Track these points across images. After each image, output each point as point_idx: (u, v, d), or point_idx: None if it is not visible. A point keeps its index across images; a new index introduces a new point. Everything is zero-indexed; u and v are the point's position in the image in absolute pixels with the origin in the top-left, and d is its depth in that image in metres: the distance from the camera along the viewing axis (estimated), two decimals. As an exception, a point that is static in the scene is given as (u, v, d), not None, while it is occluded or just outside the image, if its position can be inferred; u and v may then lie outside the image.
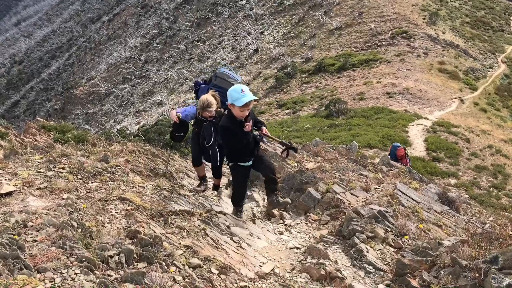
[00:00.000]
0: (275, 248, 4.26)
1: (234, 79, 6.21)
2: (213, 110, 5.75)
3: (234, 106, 4.68)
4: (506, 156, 22.87)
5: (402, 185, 5.79)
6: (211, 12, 71.75)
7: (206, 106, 5.75)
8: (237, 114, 4.75)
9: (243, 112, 4.72)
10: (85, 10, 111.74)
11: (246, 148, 5.02)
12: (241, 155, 5.06)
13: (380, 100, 30.46)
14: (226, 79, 6.20)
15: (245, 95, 4.62)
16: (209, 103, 5.77)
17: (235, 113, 4.77)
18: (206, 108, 5.75)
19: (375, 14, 49.47)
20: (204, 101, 5.79)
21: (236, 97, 4.65)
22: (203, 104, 5.78)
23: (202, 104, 5.80)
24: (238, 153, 5.07)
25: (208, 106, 5.75)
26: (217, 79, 6.21)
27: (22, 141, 6.46)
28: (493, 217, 5.91)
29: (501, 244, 3.41)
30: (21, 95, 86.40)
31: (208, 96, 5.84)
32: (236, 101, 4.62)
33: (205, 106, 5.75)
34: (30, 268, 2.69)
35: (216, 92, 5.95)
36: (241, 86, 4.66)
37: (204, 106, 5.76)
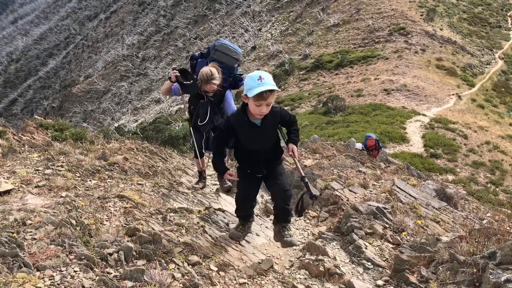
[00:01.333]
0: (274, 244, 4.27)
1: (236, 51, 5.62)
2: (217, 83, 5.25)
3: (247, 98, 3.60)
4: (504, 152, 22.93)
5: (400, 181, 5.81)
6: (209, 9, 71.64)
7: (210, 79, 5.17)
8: (252, 110, 3.63)
9: (259, 107, 3.56)
10: (82, 7, 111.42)
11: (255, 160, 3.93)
12: (248, 164, 4.00)
13: (378, 97, 30.49)
14: (227, 52, 5.56)
15: (262, 84, 3.47)
16: (213, 75, 5.20)
17: (251, 109, 3.66)
18: (210, 80, 5.17)
19: (372, 10, 49.45)
20: (207, 73, 5.20)
21: (250, 86, 3.55)
22: (206, 76, 5.19)
23: (205, 76, 5.20)
24: (244, 159, 4.03)
25: (212, 78, 5.18)
26: (217, 52, 5.54)
27: (20, 139, 6.45)
28: (491, 212, 5.93)
29: (498, 239, 3.42)
30: (19, 93, 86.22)
31: (210, 67, 5.27)
32: (249, 91, 3.53)
33: (209, 78, 5.16)
34: (29, 266, 2.70)
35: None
36: (259, 73, 3.58)
37: (208, 78, 5.17)
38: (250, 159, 3.94)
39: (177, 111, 44.42)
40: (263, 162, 3.94)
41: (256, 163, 3.93)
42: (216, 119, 5.56)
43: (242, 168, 4.03)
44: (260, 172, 3.96)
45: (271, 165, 4.00)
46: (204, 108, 5.45)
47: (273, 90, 3.54)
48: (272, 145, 3.95)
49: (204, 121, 5.46)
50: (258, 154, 3.88)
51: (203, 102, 5.44)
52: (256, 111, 3.61)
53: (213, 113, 5.54)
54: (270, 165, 3.99)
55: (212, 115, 5.49)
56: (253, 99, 3.52)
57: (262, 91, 3.45)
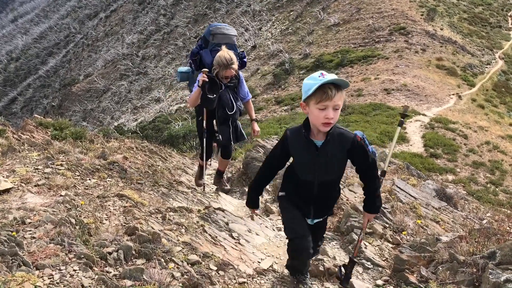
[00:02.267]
0: (274, 244, 4.27)
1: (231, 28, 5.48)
2: (236, 68, 5.07)
3: (307, 104, 2.81)
4: (504, 152, 22.93)
5: (400, 181, 5.81)
6: (209, 8, 71.60)
7: (230, 64, 4.95)
8: (315, 119, 2.78)
9: (323, 112, 2.72)
10: (82, 6, 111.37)
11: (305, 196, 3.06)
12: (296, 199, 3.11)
13: (378, 97, 30.49)
14: (225, 32, 5.37)
15: (325, 78, 2.67)
16: (232, 59, 4.97)
17: (312, 120, 2.83)
18: (230, 65, 4.96)
19: (372, 10, 49.43)
20: (226, 57, 4.93)
21: (309, 86, 2.74)
22: (226, 61, 4.92)
23: (224, 61, 4.92)
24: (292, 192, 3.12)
25: (232, 63, 4.97)
26: (216, 36, 5.31)
27: (20, 138, 6.45)
28: (491, 212, 5.93)
29: (498, 239, 3.42)
30: (18, 92, 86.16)
31: (227, 51, 5.02)
32: (309, 91, 2.72)
33: (228, 63, 4.93)
34: (29, 265, 2.69)
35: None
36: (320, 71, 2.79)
37: (228, 63, 4.93)
38: (299, 194, 3.06)
39: (177, 110, 44.41)
40: (313, 204, 3.06)
41: (305, 201, 3.06)
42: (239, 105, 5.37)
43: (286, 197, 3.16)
44: (307, 215, 3.11)
45: (320, 214, 3.17)
46: (226, 97, 5.20)
47: (340, 86, 2.74)
48: (331, 181, 3.03)
49: (233, 109, 5.22)
50: (310, 189, 2.99)
51: (223, 92, 5.19)
52: (320, 119, 2.74)
53: (235, 99, 5.35)
54: (319, 213, 3.15)
55: (236, 101, 5.30)
56: (314, 101, 2.72)
57: (325, 84, 2.66)
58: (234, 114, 5.27)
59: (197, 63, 5.49)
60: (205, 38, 5.46)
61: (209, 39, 5.38)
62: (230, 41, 5.38)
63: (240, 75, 5.41)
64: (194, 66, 5.58)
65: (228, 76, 5.10)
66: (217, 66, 5.03)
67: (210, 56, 5.31)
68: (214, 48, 5.29)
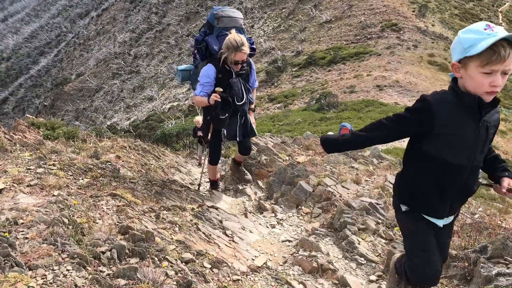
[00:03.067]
0: (268, 241, 4.28)
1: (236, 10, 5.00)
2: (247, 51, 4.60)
3: (467, 65, 2.14)
4: (495, 147, 23.09)
5: (393, 177, 5.83)
6: (201, 6, 71.46)
7: (241, 45, 4.51)
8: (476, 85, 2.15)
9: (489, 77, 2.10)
10: (73, 5, 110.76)
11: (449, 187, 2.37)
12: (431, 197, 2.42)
13: (371, 93, 30.60)
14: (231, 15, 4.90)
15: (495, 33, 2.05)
16: (243, 41, 4.53)
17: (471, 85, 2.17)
18: (240, 47, 4.51)
19: (364, 7, 49.56)
20: (236, 39, 4.49)
21: (471, 42, 2.10)
22: (236, 42, 4.49)
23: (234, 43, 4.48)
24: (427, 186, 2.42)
25: (243, 44, 4.52)
26: (222, 20, 4.84)
27: (12, 138, 6.41)
28: (483, 207, 5.97)
29: (490, 233, 3.46)
30: (10, 92, 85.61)
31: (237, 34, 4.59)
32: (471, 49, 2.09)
33: (239, 45, 4.49)
34: (21, 266, 2.68)
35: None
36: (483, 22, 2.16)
37: (239, 44, 4.49)
38: (440, 186, 2.36)
39: (170, 108, 44.32)
40: (454, 198, 2.41)
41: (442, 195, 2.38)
42: (251, 96, 4.95)
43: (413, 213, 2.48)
44: (440, 215, 2.45)
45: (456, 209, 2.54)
46: (237, 86, 4.72)
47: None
48: (480, 163, 2.40)
49: (242, 100, 4.76)
50: (458, 177, 2.33)
51: (234, 81, 4.71)
52: (484, 86, 2.12)
53: (246, 90, 4.87)
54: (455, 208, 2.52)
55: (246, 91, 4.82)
56: (479, 62, 2.08)
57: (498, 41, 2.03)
58: (243, 105, 4.81)
59: (203, 52, 4.96)
60: (209, 24, 4.98)
61: (214, 24, 4.90)
62: (237, 25, 4.90)
63: (251, 62, 4.99)
64: (199, 55, 5.04)
65: (238, 60, 4.59)
66: (226, 49, 4.57)
67: (217, 42, 4.82)
68: (221, 33, 4.80)
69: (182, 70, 5.39)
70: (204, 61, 4.96)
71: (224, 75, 4.72)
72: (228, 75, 4.72)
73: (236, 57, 4.58)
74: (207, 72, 4.73)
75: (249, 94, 4.88)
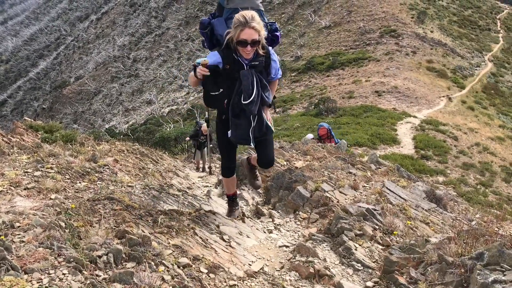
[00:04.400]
0: (265, 246, 4.27)
1: None
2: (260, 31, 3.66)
3: None
4: (493, 154, 23.15)
5: (390, 183, 5.84)
6: (200, 11, 71.62)
7: (250, 20, 3.59)
8: None
9: None
10: (73, 8, 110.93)
11: None
12: None
13: (369, 99, 30.66)
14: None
15: None
16: (254, 17, 3.63)
17: None
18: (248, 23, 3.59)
19: (363, 13, 49.74)
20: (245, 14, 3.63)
21: None
22: (244, 17, 3.60)
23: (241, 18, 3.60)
24: None
25: (253, 20, 3.60)
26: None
27: (9, 141, 6.40)
28: (480, 214, 5.98)
29: (486, 240, 3.45)
30: (8, 95, 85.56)
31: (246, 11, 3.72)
32: None
33: (247, 20, 3.59)
34: (17, 269, 2.67)
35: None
36: None
37: (247, 19, 3.59)
38: None
39: (169, 112, 44.31)
40: None
41: None
42: (267, 95, 3.93)
43: None
44: None
45: None
46: (248, 80, 3.76)
47: None
48: None
49: (249, 98, 3.76)
50: None
51: (244, 72, 3.77)
52: None
53: (261, 85, 3.87)
54: None
55: (259, 88, 3.83)
56: None
57: None
58: (249, 105, 3.77)
59: (209, 37, 4.16)
60: (219, 5, 4.15)
61: (223, 4, 4.06)
62: (253, 5, 3.99)
63: (271, 51, 3.99)
64: (206, 43, 4.25)
65: (246, 40, 3.63)
66: (233, 28, 3.67)
67: (225, 25, 3.99)
68: (231, 15, 3.89)
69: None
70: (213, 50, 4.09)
71: (232, 66, 3.81)
72: (238, 66, 3.81)
73: (243, 35, 3.60)
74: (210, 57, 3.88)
75: (265, 92, 3.90)
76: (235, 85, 3.84)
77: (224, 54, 3.84)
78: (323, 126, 11.52)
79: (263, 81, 3.91)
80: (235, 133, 3.98)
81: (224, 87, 3.86)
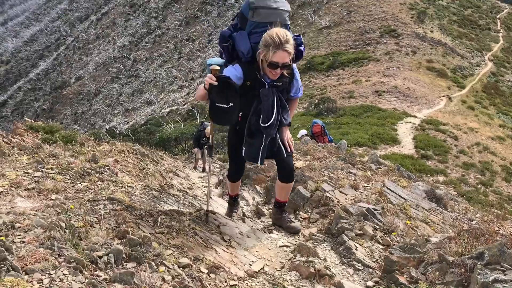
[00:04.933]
0: (265, 246, 4.27)
1: (284, 3, 3.68)
2: (292, 52, 3.46)
3: None
4: (494, 153, 23.14)
5: (391, 182, 5.84)
6: (200, 11, 71.64)
7: (284, 42, 3.37)
8: None
9: None
10: (73, 9, 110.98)
11: None
12: None
13: (369, 99, 30.66)
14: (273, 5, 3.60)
15: None
16: (288, 36, 3.41)
17: None
18: (283, 45, 3.37)
19: (363, 12, 49.75)
20: (279, 34, 3.37)
21: None
22: (279, 37, 3.35)
23: (276, 38, 3.35)
24: None
25: (287, 41, 3.39)
26: (258, 11, 3.58)
27: (10, 141, 6.40)
28: (480, 213, 5.97)
29: (487, 240, 3.45)
30: (9, 95, 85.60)
31: (279, 28, 3.46)
32: None
33: (282, 41, 3.36)
34: (18, 270, 2.68)
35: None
36: None
37: (282, 40, 3.36)
38: None
39: (169, 113, 44.33)
40: None
41: None
42: (285, 117, 3.75)
43: None
44: None
45: None
46: (268, 101, 3.57)
47: None
48: None
49: (269, 121, 3.58)
50: None
51: (265, 92, 3.58)
52: None
53: (281, 106, 3.69)
54: None
55: (279, 109, 3.65)
56: None
57: None
58: (268, 128, 3.62)
59: (229, 51, 3.81)
60: (242, 15, 3.76)
61: (247, 15, 3.67)
62: (281, 19, 3.65)
63: (295, 69, 3.85)
64: (225, 56, 3.93)
65: (277, 62, 3.43)
66: (263, 47, 3.44)
67: (248, 41, 3.65)
68: (255, 30, 3.61)
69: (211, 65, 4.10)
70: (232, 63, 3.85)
71: (253, 83, 3.64)
72: (259, 84, 3.64)
73: (276, 57, 3.41)
74: (231, 71, 3.64)
75: (284, 113, 3.72)
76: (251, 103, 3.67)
77: (246, 70, 3.63)
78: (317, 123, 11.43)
79: (283, 101, 3.74)
80: (247, 151, 3.85)
81: (236, 102, 3.53)
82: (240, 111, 3.71)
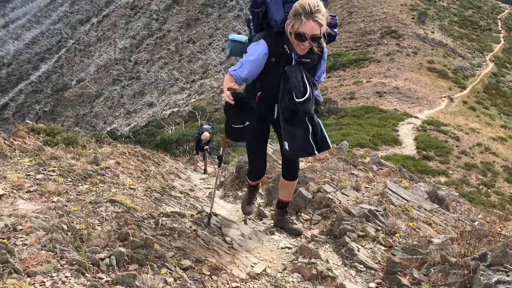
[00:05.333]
0: (267, 248, 4.27)
1: None
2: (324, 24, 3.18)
3: None
4: (495, 154, 23.11)
5: (392, 183, 5.83)
6: (201, 13, 71.70)
7: (315, 11, 3.12)
8: None
9: None
10: (74, 11, 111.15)
11: None
12: None
13: (370, 100, 30.65)
14: None
15: None
16: (320, 7, 3.15)
17: None
18: (313, 14, 3.11)
19: (364, 14, 49.77)
20: (311, 3, 3.11)
21: None
22: (310, 6, 3.10)
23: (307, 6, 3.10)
24: None
25: (318, 11, 3.13)
26: None
27: (11, 144, 6.41)
28: (482, 214, 5.96)
29: (489, 241, 3.44)
30: (10, 98, 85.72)
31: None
32: None
33: (313, 10, 3.11)
34: (20, 272, 2.68)
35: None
36: None
37: (312, 9, 3.10)
38: None
39: (170, 114, 44.36)
40: None
41: None
42: (318, 94, 3.41)
43: None
44: None
45: None
46: (296, 77, 3.26)
47: None
48: None
49: (305, 94, 3.23)
50: None
51: (291, 69, 3.29)
52: None
53: (311, 83, 3.33)
54: None
55: (311, 84, 3.31)
56: None
57: None
58: (305, 103, 3.25)
59: (259, 20, 3.48)
60: None
61: None
62: None
63: (325, 50, 3.52)
64: (253, 23, 3.60)
65: (306, 34, 3.12)
66: (291, 17, 3.16)
67: (283, 10, 3.29)
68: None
69: (233, 41, 3.91)
70: (259, 33, 3.55)
71: (278, 59, 3.33)
72: (285, 60, 3.33)
73: (305, 28, 3.10)
74: (255, 48, 3.35)
75: (315, 90, 3.36)
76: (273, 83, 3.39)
77: (272, 45, 3.33)
78: None
79: (313, 79, 3.40)
80: (292, 145, 3.43)
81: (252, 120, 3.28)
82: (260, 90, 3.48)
